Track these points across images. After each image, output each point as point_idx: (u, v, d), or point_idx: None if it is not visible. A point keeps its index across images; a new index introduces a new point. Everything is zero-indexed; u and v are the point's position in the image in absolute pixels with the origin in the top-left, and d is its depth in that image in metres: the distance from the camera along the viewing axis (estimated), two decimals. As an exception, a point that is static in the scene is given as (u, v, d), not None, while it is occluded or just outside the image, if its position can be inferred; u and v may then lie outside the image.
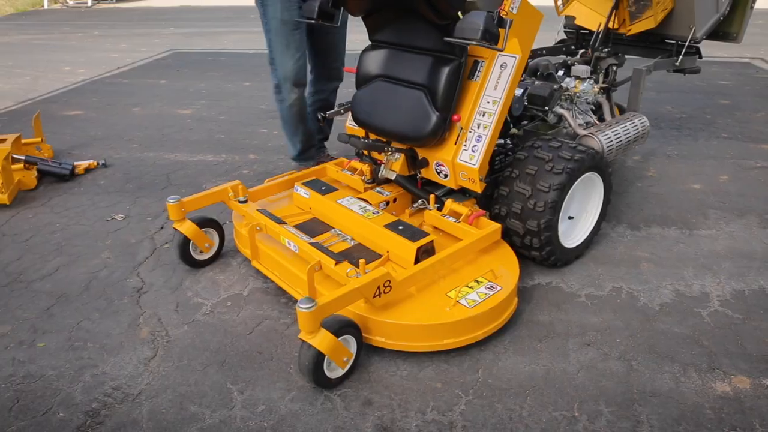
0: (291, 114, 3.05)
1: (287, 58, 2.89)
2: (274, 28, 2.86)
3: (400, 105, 2.31)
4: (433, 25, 2.17)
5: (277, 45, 2.88)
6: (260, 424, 1.77)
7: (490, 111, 2.21)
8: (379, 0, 2.26)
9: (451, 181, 2.34)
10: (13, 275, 2.63)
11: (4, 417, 1.84)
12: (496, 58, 2.23)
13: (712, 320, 2.17)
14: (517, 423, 1.74)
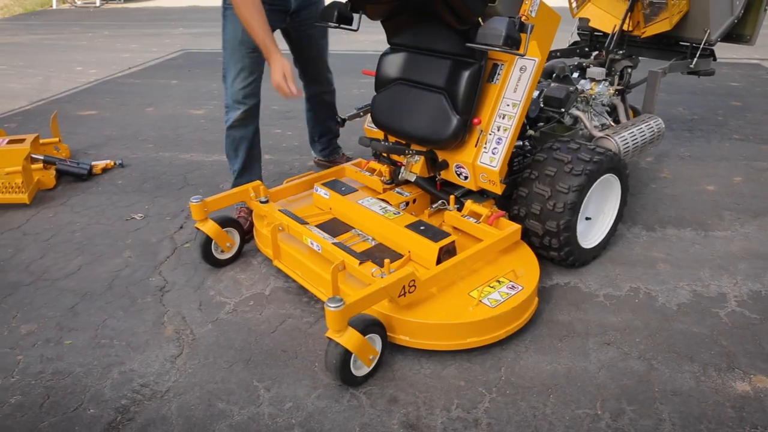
0: (231, 138, 2.81)
1: (239, 81, 2.69)
2: (231, 47, 2.67)
3: (420, 108, 2.34)
4: (453, 30, 2.20)
5: (231, 65, 2.69)
6: (288, 420, 1.80)
7: (510, 114, 2.24)
8: (398, 4, 2.28)
9: (471, 183, 2.37)
10: (36, 274, 2.67)
11: (36, 413, 1.88)
12: (515, 61, 2.26)
13: (730, 320, 2.20)
14: (541, 420, 1.77)
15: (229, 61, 2.70)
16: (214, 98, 5.43)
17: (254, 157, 2.87)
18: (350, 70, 5.87)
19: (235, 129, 2.75)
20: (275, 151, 4.01)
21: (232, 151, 2.81)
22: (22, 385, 2.00)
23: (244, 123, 2.75)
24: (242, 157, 2.80)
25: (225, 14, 2.67)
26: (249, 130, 2.78)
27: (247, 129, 2.77)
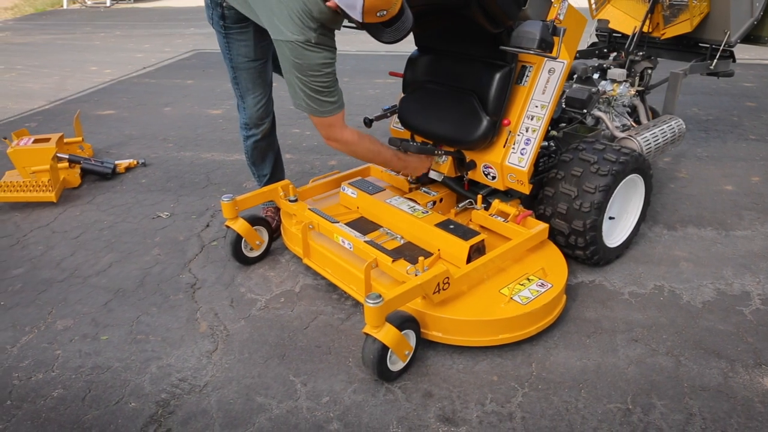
0: (259, 149, 2.77)
1: (261, 99, 2.61)
2: (243, 67, 2.52)
3: (450, 109, 2.39)
4: (484, 33, 2.24)
5: (248, 85, 2.57)
6: (326, 414, 1.85)
7: (538, 115, 2.28)
8: (431, 8, 2.32)
9: (498, 183, 2.41)
10: (68, 271, 2.72)
11: (78, 406, 1.93)
12: (543, 63, 2.30)
13: (755, 318, 2.23)
14: (574, 414, 1.81)
15: (243, 82, 2.56)
16: (230, 98, 5.48)
17: (279, 160, 2.91)
18: (363, 70, 5.91)
19: (261, 141, 2.74)
20: (295, 151, 4.05)
21: (260, 160, 2.82)
22: (63, 379, 2.05)
23: (268, 135, 2.75)
24: (270, 163, 2.84)
25: (227, 34, 2.44)
26: (273, 137, 2.81)
27: (272, 137, 2.79)
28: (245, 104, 2.63)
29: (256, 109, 2.62)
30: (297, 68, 2.08)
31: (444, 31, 2.42)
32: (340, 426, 1.80)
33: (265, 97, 2.62)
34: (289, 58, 2.07)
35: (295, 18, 2.01)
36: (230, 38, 2.45)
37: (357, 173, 2.93)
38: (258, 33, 2.43)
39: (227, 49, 2.50)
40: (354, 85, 3.42)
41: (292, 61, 2.07)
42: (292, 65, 2.08)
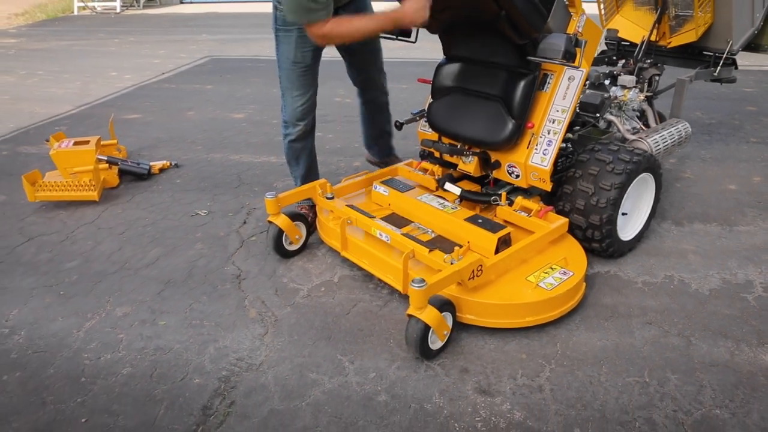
0: (293, 149, 3.00)
1: (298, 99, 2.84)
2: (285, 67, 2.82)
3: (477, 113, 2.60)
4: (510, 44, 2.46)
5: (288, 85, 2.84)
6: (374, 387, 2.06)
7: (559, 119, 2.50)
8: (460, 20, 2.54)
9: (522, 181, 2.63)
10: (119, 263, 2.93)
11: (148, 382, 2.14)
12: (564, 71, 2.52)
13: (758, 304, 2.44)
14: (597, 387, 2.02)
15: (284, 81, 2.84)
16: (250, 102, 5.70)
17: (313, 163, 3.12)
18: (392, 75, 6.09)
19: (295, 142, 2.95)
20: (320, 153, 4.17)
21: (294, 161, 3.04)
22: (130, 358, 2.26)
23: (304, 137, 2.95)
24: (303, 164, 3.04)
25: (277, 35, 2.78)
26: (308, 142, 3.00)
27: (307, 141, 2.98)
28: (284, 103, 2.89)
29: (293, 108, 2.86)
30: None
31: (472, 41, 2.64)
32: (388, 397, 2.01)
33: (303, 99, 2.85)
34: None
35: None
36: (278, 39, 2.78)
37: (386, 173, 3.14)
38: (300, 39, 2.70)
39: (276, 49, 2.83)
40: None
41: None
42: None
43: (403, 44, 2.87)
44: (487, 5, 2.28)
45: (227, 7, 13.20)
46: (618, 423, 1.87)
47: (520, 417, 1.91)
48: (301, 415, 1.96)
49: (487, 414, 1.93)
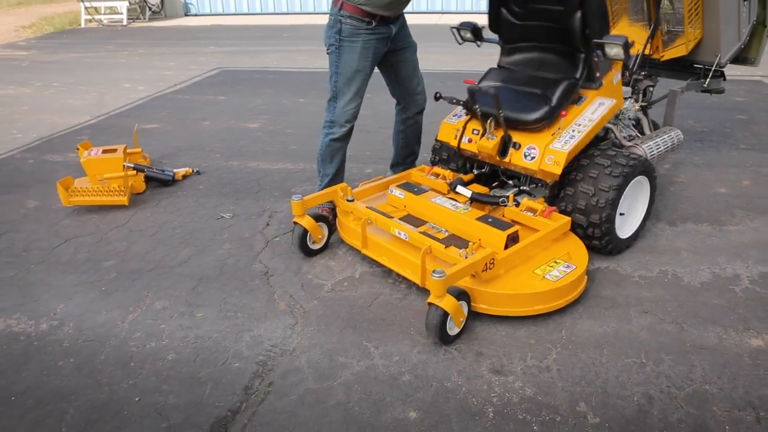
0: (332, 148, 3.27)
1: (351, 103, 3.14)
2: (346, 73, 3.09)
3: (518, 98, 2.94)
4: (564, 58, 2.92)
5: (345, 90, 3.12)
6: (399, 369, 2.28)
7: (585, 124, 2.82)
8: (528, 34, 2.95)
9: (535, 164, 2.84)
10: (153, 262, 3.15)
11: (192, 365, 2.36)
12: (596, 98, 2.93)
13: (744, 295, 2.68)
14: (599, 367, 2.25)
15: (343, 86, 3.12)
16: (262, 112, 5.94)
17: (343, 165, 3.40)
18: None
19: (336, 141, 3.24)
20: (333, 160, 4.50)
21: (329, 158, 3.31)
22: (174, 345, 2.48)
23: (345, 137, 3.26)
24: (336, 164, 3.33)
25: (341, 45, 3.05)
26: (346, 143, 3.32)
27: (345, 142, 3.30)
28: (336, 104, 3.17)
29: (344, 110, 3.16)
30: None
31: (530, 55, 3.09)
32: (411, 377, 2.24)
33: (354, 103, 3.18)
34: None
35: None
36: (342, 49, 3.07)
37: (401, 178, 3.38)
38: (363, 50, 3.06)
39: (337, 58, 3.09)
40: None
41: None
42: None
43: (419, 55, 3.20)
44: (571, 3, 2.79)
45: (231, 20, 13.48)
46: (618, 397, 2.10)
47: (530, 393, 2.14)
48: (334, 393, 2.18)
49: (501, 390, 2.15)
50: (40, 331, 2.60)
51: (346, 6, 2.98)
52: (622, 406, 2.06)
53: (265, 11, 13.97)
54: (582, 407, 2.06)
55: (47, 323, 2.66)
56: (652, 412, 2.03)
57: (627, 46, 2.72)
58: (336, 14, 3.03)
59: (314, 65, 8.00)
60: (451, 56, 8.41)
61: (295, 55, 8.93)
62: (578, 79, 2.95)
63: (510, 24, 3.15)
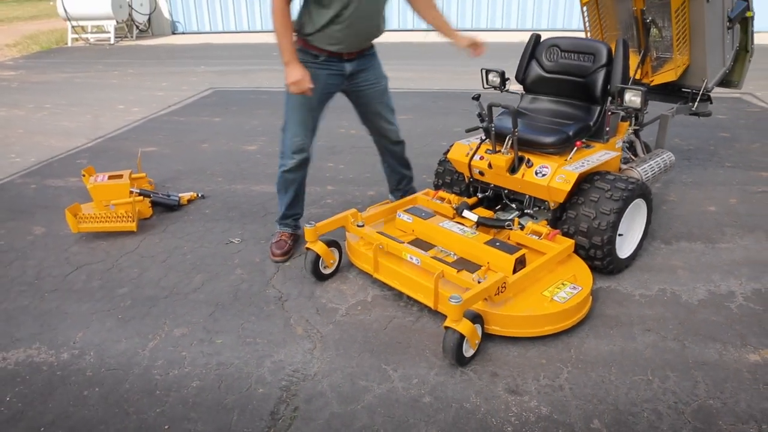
0: (284, 179, 3.34)
1: (297, 135, 3.18)
2: (292, 104, 3.14)
3: (536, 124, 3.18)
4: (580, 110, 3.29)
5: (291, 121, 3.18)
6: (419, 391, 2.38)
7: (593, 161, 3.08)
8: (552, 86, 3.29)
9: (544, 180, 2.98)
10: (168, 289, 3.22)
11: (216, 393, 2.43)
12: (602, 149, 3.25)
13: (740, 311, 2.83)
14: (609, 385, 2.37)
15: (290, 117, 3.17)
16: (260, 134, 6.03)
17: (300, 195, 3.46)
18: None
19: (288, 173, 3.29)
20: (335, 183, 4.61)
21: (283, 190, 3.39)
22: (197, 373, 2.55)
23: (296, 169, 3.28)
24: (290, 195, 3.40)
25: None
26: (299, 175, 3.34)
27: (297, 174, 3.32)
28: (285, 135, 3.24)
29: (292, 141, 3.21)
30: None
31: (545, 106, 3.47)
32: (432, 399, 2.33)
33: (301, 135, 3.19)
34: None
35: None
36: None
37: (406, 203, 3.49)
38: (312, 78, 2.99)
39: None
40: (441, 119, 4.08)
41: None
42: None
43: (405, 74, 3.30)
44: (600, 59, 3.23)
45: (220, 38, 13.57)
46: (629, 414, 2.22)
47: (546, 412, 2.25)
48: (359, 416, 2.27)
49: (518, 410, 2.26)
50: (62, 361, 2.65)
51: (298, 39, 3.04)
52: (634, 422, 2.18)
53: (253, 29, 14.09)
54: (596, 424, 2.18)
55: (68, 352, 2.71)
56: (662, 427, 2.15)
57: (645, 96, 2.99)
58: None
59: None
60: (442, 74, 8.59)
61: (286, 75, 9.03)
62: (591, 126, 3.23)
63: (537, 75, 3.48)
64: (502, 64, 3.72)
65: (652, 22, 3.73)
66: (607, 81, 3.20)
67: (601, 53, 3.22)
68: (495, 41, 12.17)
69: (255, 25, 14.11)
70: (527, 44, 3.54)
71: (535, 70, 3.47)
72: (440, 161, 3.73)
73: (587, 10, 4.04)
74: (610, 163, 3.20)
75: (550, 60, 3.42)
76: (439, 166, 3.74)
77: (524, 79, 3.55)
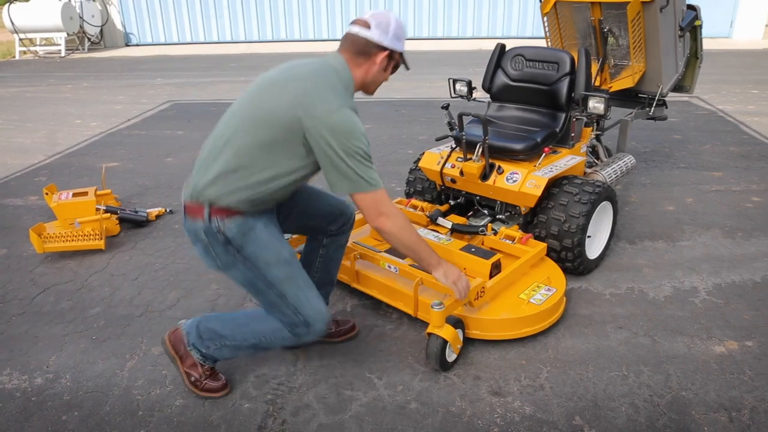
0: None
1: (308, 297, 2.29)
2: (278, 274, 2.24)
3: (506, 132, 3.29)
4: (546, 117, 3.41)
5: (295, 285, 2.27)
6: (404, 398, 2.41)
7: (560, 167, 3.18)
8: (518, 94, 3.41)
9: (515, 186, 3.08)
10: (142, 307, 3.16)
11: (201, 410, 2.41)
12: (568, 154, 3.33)
13: (703, 305, 2.97)
14: (587, 382, 2.45)
15: (289, 287, 2.26)
16: (225, 147, 5.97)
17: None
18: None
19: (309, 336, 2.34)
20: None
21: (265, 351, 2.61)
22: (179, 391, 2.52)
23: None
24: None
25: (242, 251, 2.20)
26: None
27: None
28: (299, 303, 2.28)
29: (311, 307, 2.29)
30: (345, 137, 2.00)
31: (512, 114, 3.57)
32: (418, 405, 2.37)
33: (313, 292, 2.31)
34: (335, 130, 2.00)
35: (339, 88, 2.11)
36: (247, 254, 2.20)
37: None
38: (268, 232, 2.24)
39: (251, 269, 2.24)
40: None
41: (339, 132, 2.00)
42: (340, 136, 2.00)
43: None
44: (563, 67, 3.37)
45: (175, 50, 13.38)
46: (608, 409, 2.31)
47: (530, 411, 2.32)
48: (347, 426, 2.28)
49: (503, 411, 2.32)
50: (36, 386, 2.58)
51: (216, 211, 2.12)
52: (613, 416, 2.27)
53: (209, 40, 13.95)
54: (578, 421, 2.25)
55: (42, 377, 2.63)
56: (639, 420, 2.25)
57: (608, 102, 3.13)
58: (205, 228, 2.14)
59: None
60: (403, 83, 8.69)
61: (246, 86, 8.96)
62: (558, 132, 3.37)
63: (503, 83, 3.61)
64: (468, 71, 3.81)
65: (609, 31, 3.89)
66: (571, 89, 3.32)
67: (564, 62, 3.34)
68: (465, 49, 12.41)
69: (211, 36, 13.97)
70: (493, 54, 3.65)
71: (501, 78, 3.58)
72: (411, 170, 3.79)
73: (548, 20, 4.17)
74: (576, 167, 3.32)
75: (515, 69, 3.53)
76: (410, 174, 3.79)
77: (491, 87, 3.65)
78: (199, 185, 2.16)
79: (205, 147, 2.27)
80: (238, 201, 2.13)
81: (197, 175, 2.21)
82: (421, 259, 2.32)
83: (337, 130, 2.01)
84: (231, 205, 2.13)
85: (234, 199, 2.12)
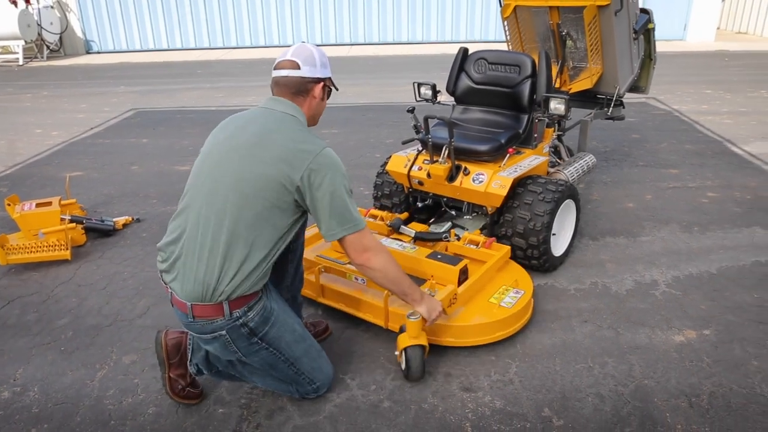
0: None
1: (321, 366, 2.42)
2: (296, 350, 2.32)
3: (471, 134, 3.36)
4: (509, 119, 3.51)
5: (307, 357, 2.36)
6: (378, 396, 2.45)
7: (524, 167, 3.27)
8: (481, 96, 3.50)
9: (481, 187, 3.15)
10: (111, 317, 3.13)
11: (175, 417, 2.40)
12: (531, 154, 3.43)
13: (663, 297, 3.09)
14: (555, 375, 2.53)
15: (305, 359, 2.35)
16: (191, 154, 5.93)
17: None
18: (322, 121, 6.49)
19: None
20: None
21: None
22: (151, 399, 2.51)
23: None
24: None
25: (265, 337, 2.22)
26: None
27: None
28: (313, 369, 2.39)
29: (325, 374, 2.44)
30: (335, 176, 2.06)
31: (476, 116, 3.66)
32: (391, 403, 2.41)
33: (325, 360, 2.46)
34: (322, 171, 2.04)
35: (305, 130, 2.16)
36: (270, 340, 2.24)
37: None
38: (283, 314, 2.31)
39: (274, 354, 2.27)
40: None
41: (331, 172, 2.05)
42: (332, 176, 2.05)
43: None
44: (525, 71, 3.46)
45: (138, 57, 13.18)
46: (575, 400, 2.39)
47: (500, 405, 2.38)
48: (322, 427, 2.31)
49: (474, 406, 2.38)
50: (3, 400, 2.53)
51: (235, 304, 2.09)
52: (580, 407, 2.35)
53: (173, 47, 13.78)
54: (547, 412, 2.33)
55: (8, 390, 2.59)
56: (605, 409, 2.33)
57: (568, 104, 3.24)
58: (227, 326, 2.12)
59: (233, 103, 8.06)
60: (368, 87, 8.75)
61: (212, 93, 8.93)
62: (521, 133, 3.48)
63: (467, 86, 3.70)
64: (432, 75, 3.89)
65: (567, 34, 4.01)
66: (533, 91, 3.42)
67: (526, 65, 3.44)
68: (429, 53, 12.54)
69: (175, 42, 13.81)
70: (456, 57, 3.73)
71: (465, 81, 3.66)
72: (378, 173, 3.83)
73: (508, 24, 4.28)
74: (540, 167, 3.41)
75: (478, 72, 3.61)
76: (377, 177, 3.84)
77: (455, 90, 3.73)
78: (211, 286, 2.06)
79: (190, 236, 2.13)
80: (252, 284, 2.10)
81: (202, 274, 2.06)
82: (405, 294, 2.38)
83: (326, 169, 2.05)
84: (246, 292, 2.10)
85: (249, 284, 2.09)
